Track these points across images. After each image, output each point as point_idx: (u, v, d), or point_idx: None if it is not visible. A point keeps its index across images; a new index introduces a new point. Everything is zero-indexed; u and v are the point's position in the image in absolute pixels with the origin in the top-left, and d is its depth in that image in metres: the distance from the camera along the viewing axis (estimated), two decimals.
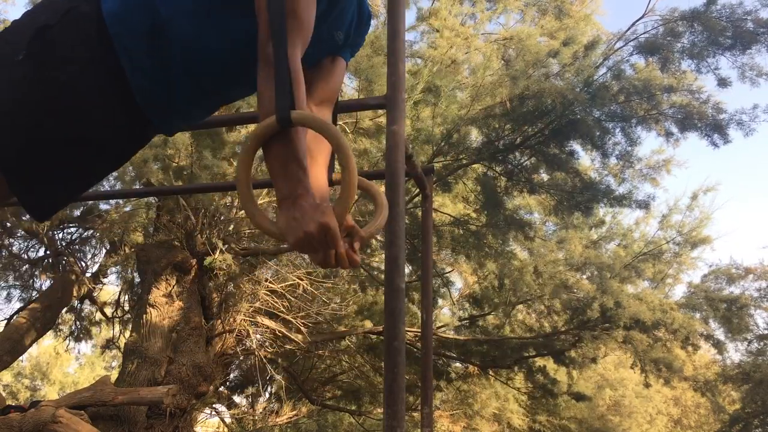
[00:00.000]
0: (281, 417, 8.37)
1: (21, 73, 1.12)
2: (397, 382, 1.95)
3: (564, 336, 8.03)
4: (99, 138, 1.22)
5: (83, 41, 1.16)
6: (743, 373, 11.10)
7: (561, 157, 6.17)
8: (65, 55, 1.14)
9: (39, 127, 1.13)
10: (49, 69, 1.13)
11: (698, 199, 9.34)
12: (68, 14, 1.16)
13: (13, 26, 1.22)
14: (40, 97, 1.13)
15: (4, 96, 1.13)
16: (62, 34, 1.15)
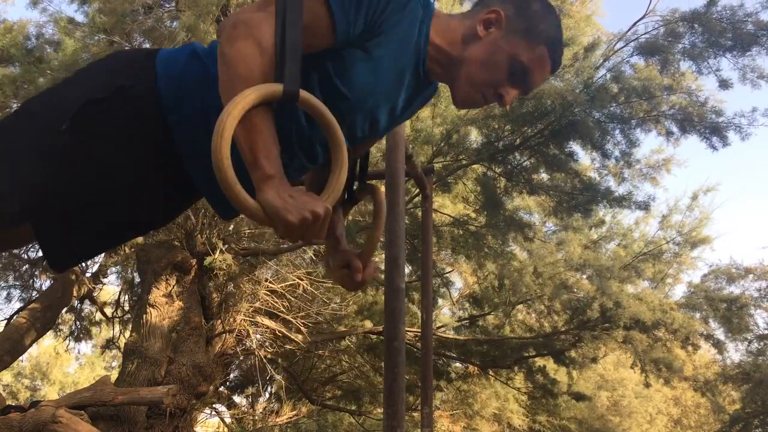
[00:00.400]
0: (281, 417, 8.37)
1: (62, 143, 1.11)
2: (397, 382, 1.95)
3: (564, 336, 8.03)
4: (131, 216, 1.25)
5: (131, 123, 1.15)
6: (743, 373, 11.10)
7: (561, 158, 6.18)
8: (109, 134, 1.14)
9: (72, 194, 1.14)
10: (87, 145, 1.12)
11: (698, 199, 9.35)
12: (121, 92, 1.15)
13: (60, 90, 1.20)
14: (77, 168, 1.13)
15: (45, 160, 1.13)
16: (109, 112, 1.14)
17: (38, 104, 1.20)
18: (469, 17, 1.25)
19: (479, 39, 1.22)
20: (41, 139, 1.13)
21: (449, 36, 1.23)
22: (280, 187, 1.00)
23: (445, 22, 1.25)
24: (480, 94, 1.25)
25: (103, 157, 1.13)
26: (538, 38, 1.22)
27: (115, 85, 1.15)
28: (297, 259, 7.67)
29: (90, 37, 6.27)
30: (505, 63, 1.21)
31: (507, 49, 1.21)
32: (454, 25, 1.25)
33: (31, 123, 1.16)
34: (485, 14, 1.22)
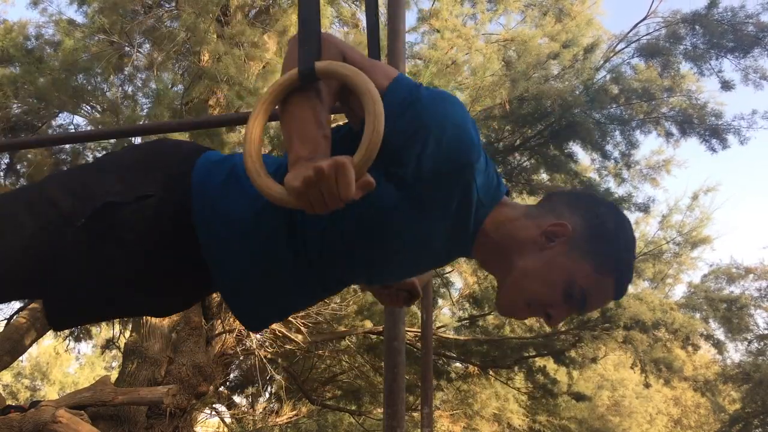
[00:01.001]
0: (281, 417, 8.37)
1: (75, 238, 1.07)
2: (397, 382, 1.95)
3: (564, 336, 8.03)
4: (140, 307, 1.25)
5: (149, 233, 1.09)
6: (743, 373, 11.10)
7: (560, 159, 6.18)
8: (122, 238, 1.08)
9: (75, 288, 1.11)
10: (102, 246, 1.08)
11: (699, 200, 9.36)
12: (143, 200, 1.09)
13: (89, 176, 1.14)
14: (83, 265, 1.09)
15: (56, 249, 1.08)
16: (128, 217, 1.08)
17: (60, 187, 1.13)
18: (533, 217, 1.12)
19: (539, 250, 1.09)
20: (53, 228, 1.08)
21: (507, 231, 1.10)
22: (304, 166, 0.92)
23: (506, 213, 1.11)
24: (526, 308, 1.12)
25: (115, 260, 1.09)
26: (605, 266, 1.08)
27: (139, 191, 1.09)
28: None
29: (90, 37, 6.27)
30: (562, 284, 1.08)
31: (568, 270, 1.08)
32: (515, 220, 1.11)
33: (48, 206, 1.10)
34: (551, 224, 1.09)
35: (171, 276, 1.14)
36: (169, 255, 1.11)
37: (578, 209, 1.12)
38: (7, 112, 6.72)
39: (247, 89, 5.46)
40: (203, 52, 6.40)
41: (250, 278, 1.12)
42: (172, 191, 1.11)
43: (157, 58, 6.47)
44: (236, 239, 1.10)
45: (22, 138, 6.19)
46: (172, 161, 1.17)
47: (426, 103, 1.03)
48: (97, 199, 1.08)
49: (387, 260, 1.14)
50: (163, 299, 1.22)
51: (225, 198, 1.11)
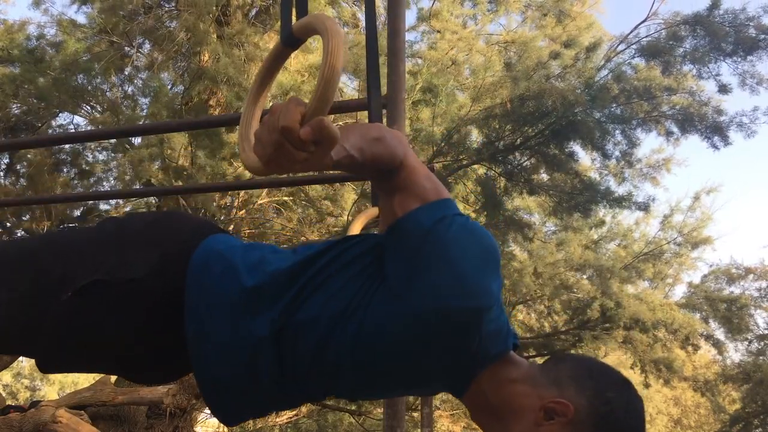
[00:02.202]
0: (281, 417, 8.37)
1: (60, 309, 1.06)
2: None
3: (564, 336, 8.03)
4: (119, 371, 1.25)
5: (135, 316, 1.07)
6: (743, 373, 11.10)
7: (561, 158, 6.18)
8: (106, 317, 1.06)
9: (64, 350, 1.11)
10: (84, 322, 1.06)
11: (700, 200, 9.36)
12: (131, 283, 1.05)
13: (85, 245, 1.13)
14: (63, 338, 1.08)
15: (39, 316, 1.07)
16: (114, 297, 1.05)
17: (54, 252, 1.12)
18: (535, 385, 1.02)
19: (534, 424, 0.99)
20: (42, 298, 1.07)
21: (505, 393, 1.02)
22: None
23: (507, 373, 1.02)
24: None
25: (96, 335, 1.07)
26: None
27: (130, 273, 1.06)
28: None
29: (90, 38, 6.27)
30: None
31: None
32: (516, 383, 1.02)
33: (38, 272, 1.09)
34: (552, 401, 0.99)
35: (151, 355, 1.12)
36: (154, 333, 1.09)
37: (586, 388, 1.01)
38: (7, 112, 6.72)
39: (247, 89, 5.45)
40: (203, 53, 6.40)
41: (231, 382, 1.08)
42: (165, 275, 1.07)
43: (158, 58, 6.47)
44: (223, 343, 1.05)
45: (22, 138, 6.18)
46: (170, 243, 1.12)
47: (451, 236, 0.96)
48: (86, 275, 1.05)
49: (374, 386, 1.08)
50: (143, 373, 1.22)
51: (218, 296, 1.06)
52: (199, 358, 1.07)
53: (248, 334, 1.04)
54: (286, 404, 1.15)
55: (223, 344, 1.05)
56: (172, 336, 1.09)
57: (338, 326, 1.00)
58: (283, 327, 1.02)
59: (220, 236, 1.15)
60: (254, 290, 1.05)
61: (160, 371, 1.21)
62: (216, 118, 5.43)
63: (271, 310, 1.04)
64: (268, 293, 1.04)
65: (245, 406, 1.12)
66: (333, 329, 1.00)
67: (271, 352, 1.04)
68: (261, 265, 1.08)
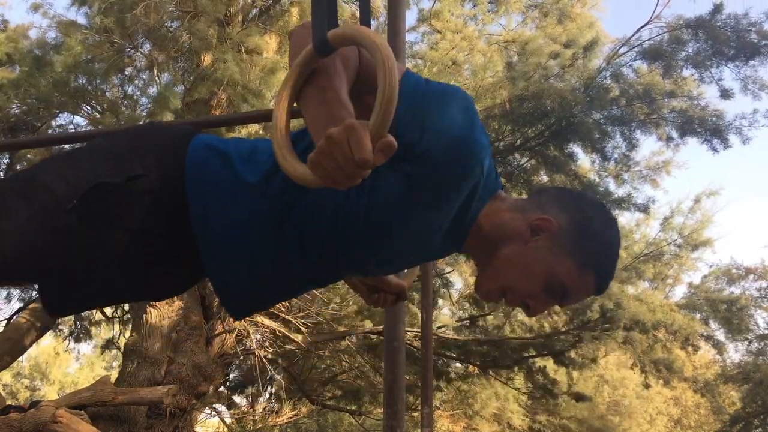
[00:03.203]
0: (281, 417, 8.37)
1: (68, 222, 1.07)
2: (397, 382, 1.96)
3: (564, 336, 8.03)
4: (135, 291, 1.24)
5: (139, 214, 1.09)
6: (743, 373, 11.11)
7: (560, 159, 6.18)
8: (114, 220, 1.08)
9: (71, 272, 1.12)
10: (93, 228, 1.08)
11: (700, 202, 9.36)
12: (134, 181, 1.08)
13: (81, 159, 1.16)
14: (76, 249, 1.09)
15: (48, 233, 1.08)
16: (119, 199, 1.08)
17: (52, 171, 1.14)
18: (521, 210, 1.14)
19: (523, 242, 1.11)
20: (46, 212, 1.08)
21: (495, 222, 1.12)
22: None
23: (497, 206, 1.13)
24: (500, 295, 1.15)
25: (107, 242, 1.09)
26: (588, 264, 1.10)
27: (134, 172, 1.09)
28: None
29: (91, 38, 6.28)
30: (543, 277, 1.10)
31: (549, 264, 1.10)
32: (503, 212, 1.13)
33: (41, 192, 1.10)
34: (537, 219, 1.11)
35: (163, 257, 1.14)
36: (161, 235, 1.12)
37: (566, 207, 1.14)
38: (7, 113, 6.72)
39: (247, 89, 5.46)
40: (204, 54, 6.41)
41: (240, 265, 1.12)
42: (165, 172, 1.11)
43: (158, 58, 6.48)
44: (230, 226, 1.10)
45: (22, 138, 6.19)
46: (165, 142, 1.16)
47: (435, 99, 1.02)
48: (88, 181, 1.08)
49: (383, 253, 1.14)
50: (156, 281, 1.22)
51: (221, 183, 1.11)
52: (207, 247, 1.11)
53: (253, 215, 1.09)
54: (294, 288, 1.21)
55: (230, 228, 1.10)
56: (177, 233, 1.11)
57: (350, 198, 1.05)
58: (293, 205, 1.07)
59: (206, 135, 1.20)
60: (256, 184, 1.10)
61: (168, 279, 1.22)
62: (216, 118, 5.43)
63: (279, 196, 1.08)
64: (273, 180, 1.08)
65: (255, 294, 1.17)
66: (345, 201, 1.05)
67: (279, 229, 1.08)
68: (255, 155, 1.13)
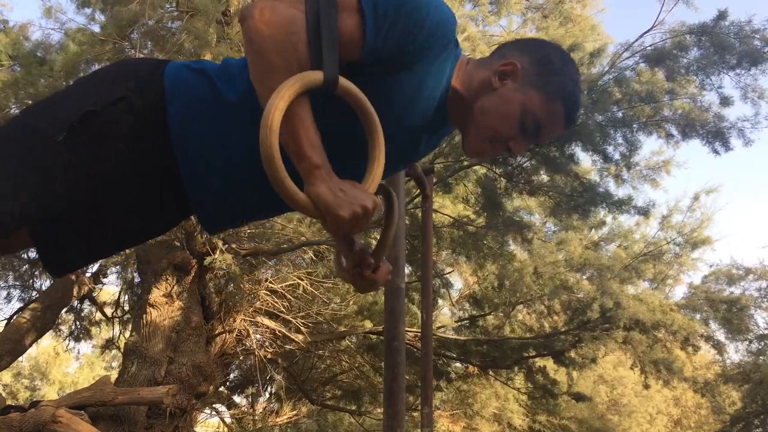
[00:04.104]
0: (281, 417, 8.37)
1: (57, 154, 1.10)
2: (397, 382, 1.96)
3: (564, 336, 8.03)
4: (127, 224, 1.24)
5: (126, 135, 1.13)
6: (743, 373, 11.11)
7: (561, 160, 6.18)
8: (107, 147, 1.12)
9: (67, 205, 1.14)
10: (84, 156, 1.11)
11: (700, 201, 9.35)
12: (117, 104, 1.13)
13: (57, 99, 1.19)
14: (71, 179, 1.12)
15: (41, 169, 1.12)
16: (106, 124, 1.12)
17: (37, 113, 1.18)
18: (486, 65, 1.22)
19: (493, 90, 1.19)
20: (38, 149, 1.12)
21: (466, 82, 1.21)
22: (330, 179, 0.98)
23: (465, 68, 1.23)
24: (489, 146, 1.23)
25: (99, 170, 1.12)
26: (554, 95, 1.19)
27: (115, 96, 1.13)
28: (297, 259, 7.67)
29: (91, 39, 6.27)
30: (517, 117, 1.18)
31: (520, 102, 1.18)
32: (472, 71, 1.22)
33: (29, 132, 1.14)
34: (501, 65, 1.20)
35: (152, 180, 1.18)
36: (148, 156, 1.16)
37: (526, 49, 1.23)
38: (6, 113, 6.72)
39: None
40: (204, 54, 6.41)
41: (220, 178, 1.18)
42: (145, 92, 1.15)
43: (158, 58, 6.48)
44: (213, 140, 1.15)
45: None
46: (141, 69, 1.21)
47: (404, 5, 1.09)
48: (74, 113, 1.11)
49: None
50: (148, 213, 1.24)
51: (203, 100, 1.15)
52: (184, 163, 1.16)
53: (239, 130, 1.14)
54: (270, 205, 1.25)
55: (212, 143, 1.15)
56: (162, 154, 1.16)
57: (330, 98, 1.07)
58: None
59: (179, 62, 1.26)
60: (238, 102, 1.15)
61: (159, 210, 1.25)
62: None
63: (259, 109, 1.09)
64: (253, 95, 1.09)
65: (234, 206, 1.24)
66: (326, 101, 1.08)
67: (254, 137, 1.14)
68: (229, 70, 1.19)
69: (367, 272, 1.25)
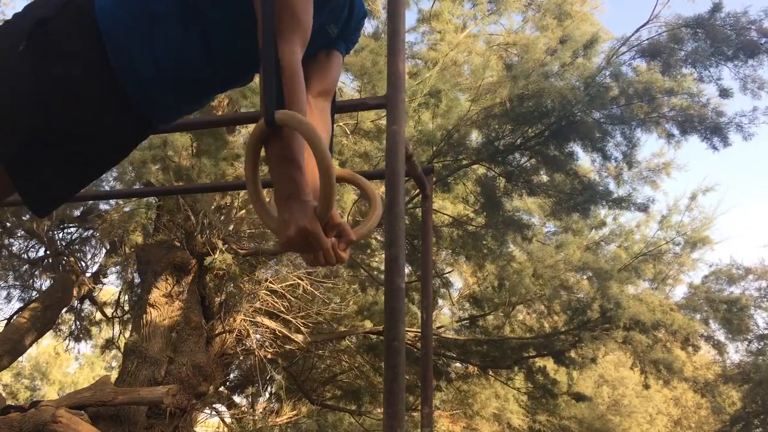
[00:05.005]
0: (281, 417, 8.37)
1: (20, 66, 1.11)
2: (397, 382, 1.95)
3: (564, 336, 8.03)
4: (97, 132, 1.21)
5: (79, 35, 1.14)
6: (743, 374, 11.10)
7: (561, 159, 6.17)
8: (62, 49, 1.13)
9: (39, 120, 1.12)
10: (47, 62, 1.11)
11: (697, 200, 9.33)
12: (66, 7, 1.15)
13: (14, 18, 1.20)
14: (39, 89, 1.11)
15: (5, 88, 1.12)
16: (59, 27, 1.14)
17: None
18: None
19: None
20: (2, 67, 1.12)
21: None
22: (284, 207, 1.10)
23: None
24: None
25: (60, 74, 1.12)
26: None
27: (63, 1, 1.15)
28: (297, 259, 7.66)
29: None
30: None
31: None
32: None
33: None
34: None
35: (109, 90, 1.17)
36: (99, 57, 1.15)
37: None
38: None
39: (251, 88, 5.46)
40: None
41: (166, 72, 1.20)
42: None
43: None
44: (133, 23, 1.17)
45: None
46: None
47: None
48: (28, 25, 1.13)
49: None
50: (114, 120, 1.22)
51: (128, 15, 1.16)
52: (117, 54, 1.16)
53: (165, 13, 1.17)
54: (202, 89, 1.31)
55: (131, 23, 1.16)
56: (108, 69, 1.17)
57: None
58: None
59: None
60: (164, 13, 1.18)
61: (120, 122, 1.23)
62: (218, 118, 5.43)
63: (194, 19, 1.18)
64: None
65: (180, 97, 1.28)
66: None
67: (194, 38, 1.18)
68: None
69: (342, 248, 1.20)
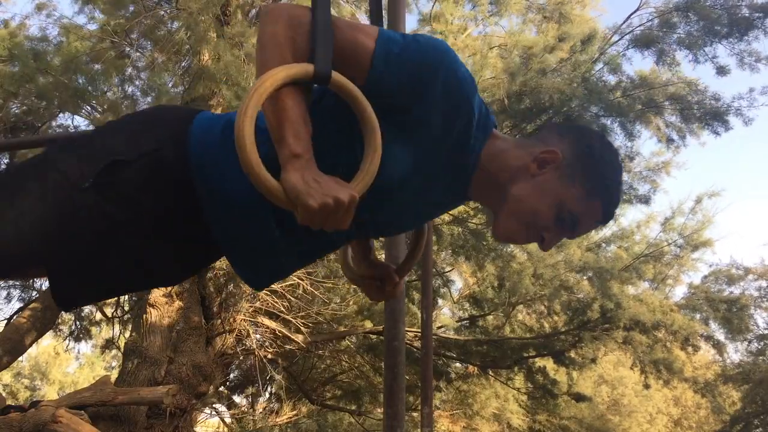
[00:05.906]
0: (281, 417, 8.36)
1: (82, 201, 1.08)
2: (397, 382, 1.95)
3: (564, 336, 8.03)
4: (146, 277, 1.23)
5: (155, 188, 1.11)
6: (743, 373, 11.10)
7: None
8: (131, 197, 1.10)
9: (87, 251, 1.12)
10: (110, 205, 1.09)
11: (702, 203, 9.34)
12: (148, 156, 1.11)
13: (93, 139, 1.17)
14: (94, 227, 1.09)
15: (61, 213, 1.09)
16: (135, 175, 1.10)
17: (67, 153, 1.15)
18: (524, 147, 1.17)
19: (531, 177, 1.14)
20: (59, 192, 1.09)
21: (500, 163, 1.15)
22: (306, 169, 0.95)
23: (498, 146, 1.16)
24: (525, 231, 1.17)
25: (123, 220, 1.10)
26: (594, 192, 1.14)
27: (143, 148, 1.11)
28: None
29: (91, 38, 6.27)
30: (554, 208, 1.13)
31: (558, 194, 1.13)
32: (507, 151, 1.16)
33: (54, 174, 1.11)
34: (542, 152, 1.14)
35: (177, 231, 1.16)
36: (174, 210, 1.13)
37: (568, 138, 1.18)
38: (7, 112, 6.72)
39: (246, 89, 5.46)
40: (203, 52, 6.41)
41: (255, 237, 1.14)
42: (174, 144, 1.13)
43: (158, 58, 6.48)
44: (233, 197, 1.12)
45: (22, 138, 6.19)
46: (172, 120, 1.19)
47: (421, 51, 1.06)
48: (102, 160, 1.09)
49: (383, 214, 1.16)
50: (169, 263, 1.22)
51: (222, 147, 1.12)
52: (212, 216, 1.13)
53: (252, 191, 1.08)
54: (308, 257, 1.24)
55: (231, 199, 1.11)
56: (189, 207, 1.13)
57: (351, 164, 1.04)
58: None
59: (207, 111, 1.23)
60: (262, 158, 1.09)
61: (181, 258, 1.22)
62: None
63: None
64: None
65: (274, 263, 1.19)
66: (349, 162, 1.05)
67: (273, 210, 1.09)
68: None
69: (390, 287, 1.24)
